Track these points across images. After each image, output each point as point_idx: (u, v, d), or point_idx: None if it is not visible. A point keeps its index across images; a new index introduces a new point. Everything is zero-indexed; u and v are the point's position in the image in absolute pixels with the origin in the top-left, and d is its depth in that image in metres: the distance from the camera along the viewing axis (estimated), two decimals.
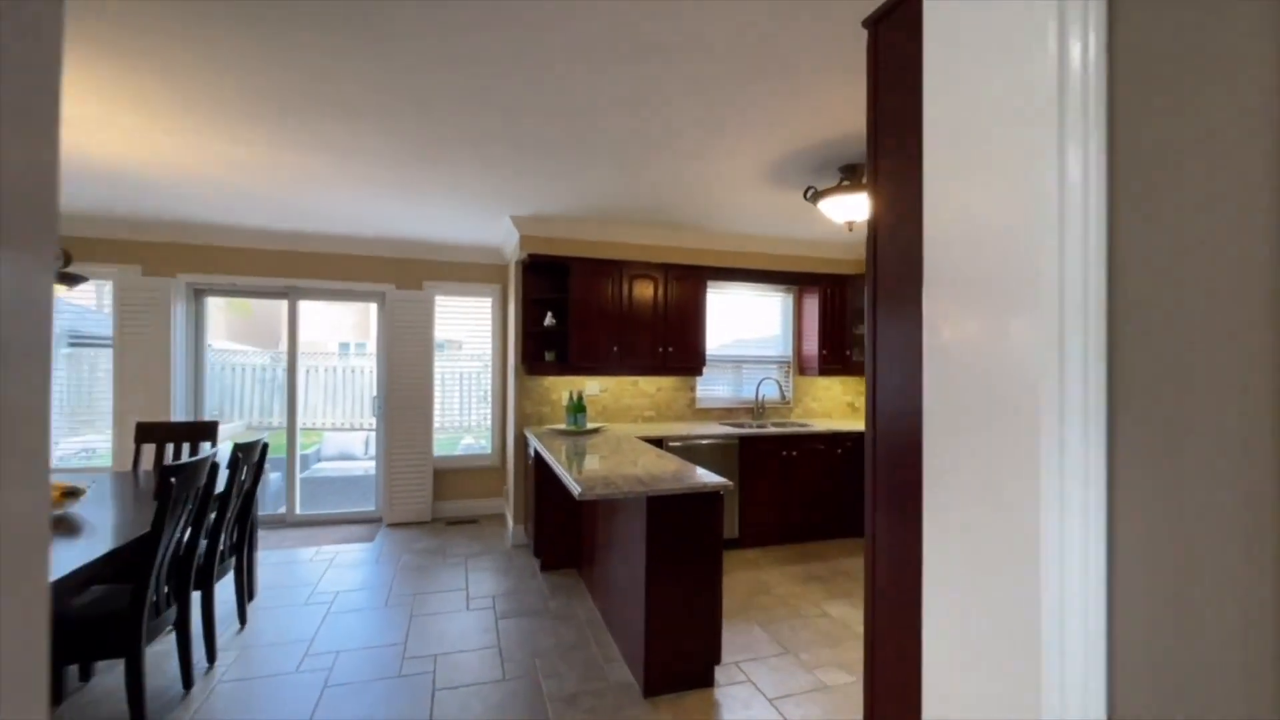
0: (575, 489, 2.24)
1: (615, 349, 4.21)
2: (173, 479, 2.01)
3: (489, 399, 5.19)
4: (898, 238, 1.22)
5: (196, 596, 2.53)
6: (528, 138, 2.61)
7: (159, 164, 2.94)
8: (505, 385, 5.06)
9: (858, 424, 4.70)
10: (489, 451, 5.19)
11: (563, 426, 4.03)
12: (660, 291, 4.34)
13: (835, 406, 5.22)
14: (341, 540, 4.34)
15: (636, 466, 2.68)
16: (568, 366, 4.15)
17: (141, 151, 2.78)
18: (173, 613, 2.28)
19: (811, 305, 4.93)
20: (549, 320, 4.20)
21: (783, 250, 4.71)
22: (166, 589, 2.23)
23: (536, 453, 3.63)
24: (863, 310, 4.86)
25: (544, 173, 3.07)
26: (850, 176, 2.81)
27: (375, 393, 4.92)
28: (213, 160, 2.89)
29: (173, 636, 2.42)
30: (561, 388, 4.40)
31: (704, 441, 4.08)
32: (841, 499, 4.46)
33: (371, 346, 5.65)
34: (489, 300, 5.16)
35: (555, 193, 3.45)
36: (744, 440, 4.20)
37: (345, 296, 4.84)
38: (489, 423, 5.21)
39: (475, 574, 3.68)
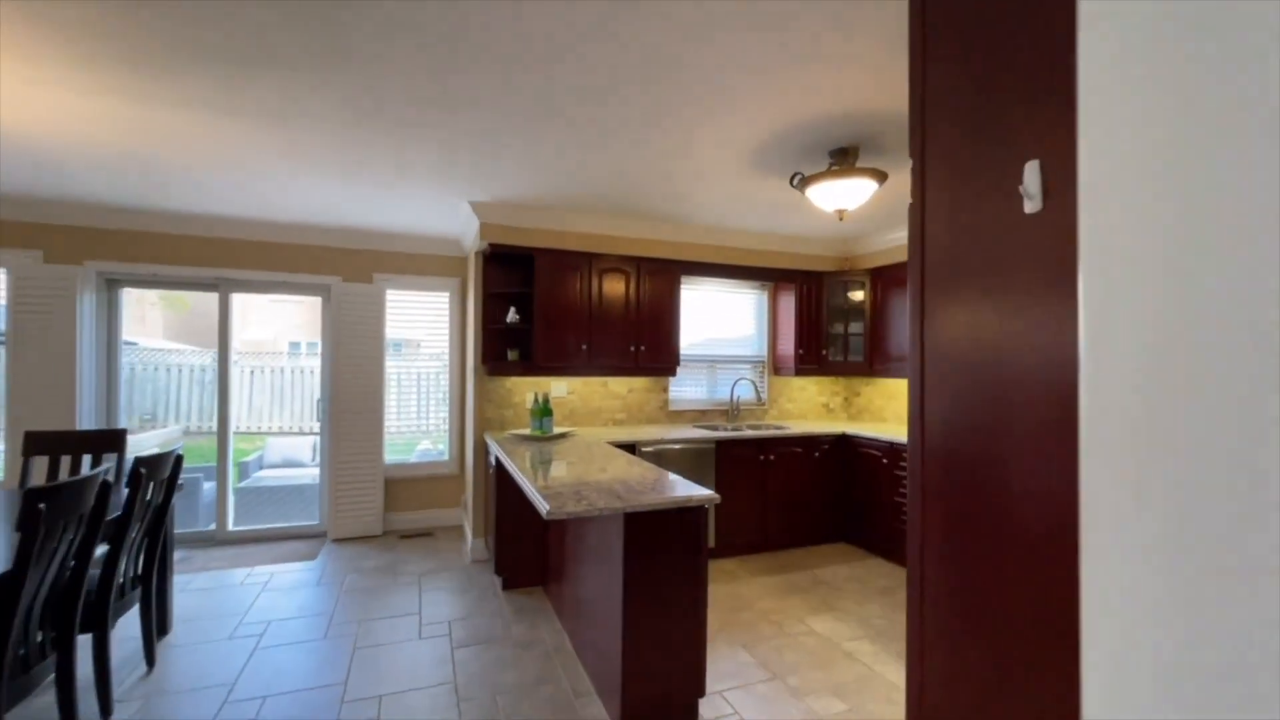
0: (542, 506, 1.95)
1: (584, 348, 3.92)
2: (42, 504, 1.63)
3: (447, 401, 4.83)
4: (957, 222, 1.00)
5: (87, 640, 2.12)
6: (486, 115, 2.30)
7: (58, 130, 2.51)
8: (464, 387, 4.70)
9: (834, 426, 4.55)
10: (446, 458, 4.82)
11: (527, 431, 3.72)
12: (632, 286, 4.08)
13: (811, 408, 5.06)
14: (279, 559, 3.92)
15: (608, 474, 2.41)
16: (532, 366, 3.84)
17: (34, 115, 2.35)
18: (52, 663, 1.89)
19: (787, 303, 4.75)
20: (512, 317, 3.89)
21: (759, 245, 4.51)
22: (42, 636, 1.83)
23: (498, 460, 3.31)
24: (840, 308, 4.72)
25: (505, 154, 2.77)
26: (841, 161, 2.61)
27: (320, 395, 4.49)
28: (124, 126, 2.47)
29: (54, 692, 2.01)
30: (525, 389, 4.09)
31: (678, 446, 3.84)
32: (819, 504, 4.29)
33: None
34: (446, 295, 4.79)
35: (518, 177, 3.14)
36: (720, 444, 3.97)
37: (285, 289, 4.40)
38: (447, 427, 4.84)
39: (430, 595, 3.34)
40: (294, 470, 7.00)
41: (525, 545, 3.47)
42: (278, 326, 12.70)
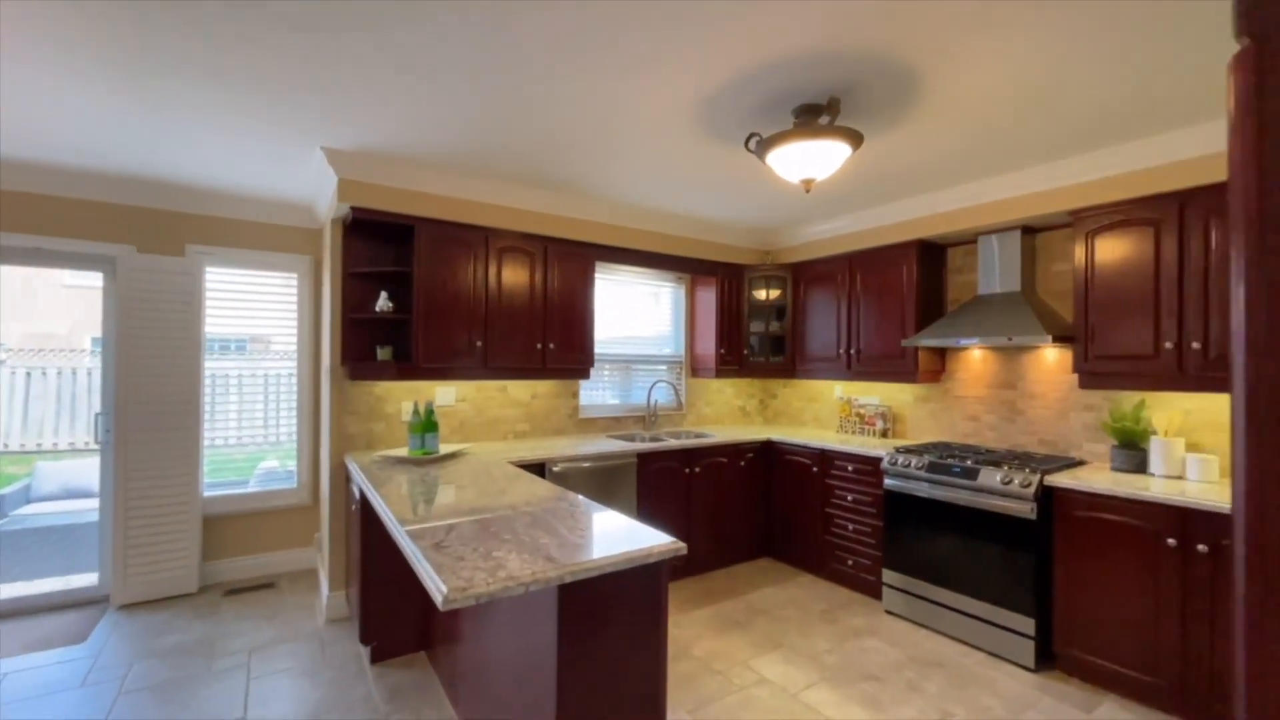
0: (437, 590, 1.27)
1: (479, 345, 3.18)
2: None
3: (296, 413, 3.80)
4: None
5: None
6: (337, 20, 1.56)
7: None
8: (319, 394, 3.73)
9: (757, 432, 4.21)
10: (295, 485, 3.80)
11: (404, 452, 2.91)
12: (538, 271, 3.41)
13: (728, 412, 4.71)
14: (31, 644, 2.74)
15: (521, 512, 1.76)
16: (411, 368, 3.03)
17: None
18: None
19: (707, 298, 4.34)
20: (383, 304, 3.04)
21: (680, 230, 4.04)
22: None
23: (362, 494, 2.50)
24: (762, 305, 4.40)
25: (371, 83, 2.00)
26: (808, 118, 2.18)
27: (100, 407, 3.28)
28: None
29: None
30: (402, 397, 3.26)
31: (594, 463, 3.24)
32: (744, 518, 3.92)
33: None
34: (294, 277, 3.77)
35: (389, 118, 2.36)
36: (642, 458, 3.44)
37: (42, 259, 3.14)
38: (296, 443, 3.82)
39: (265, 684, 2.43)
40: (80, 504, 5.40)
41: (402, 597, 2.67)
42: (76, 316, 10.15)
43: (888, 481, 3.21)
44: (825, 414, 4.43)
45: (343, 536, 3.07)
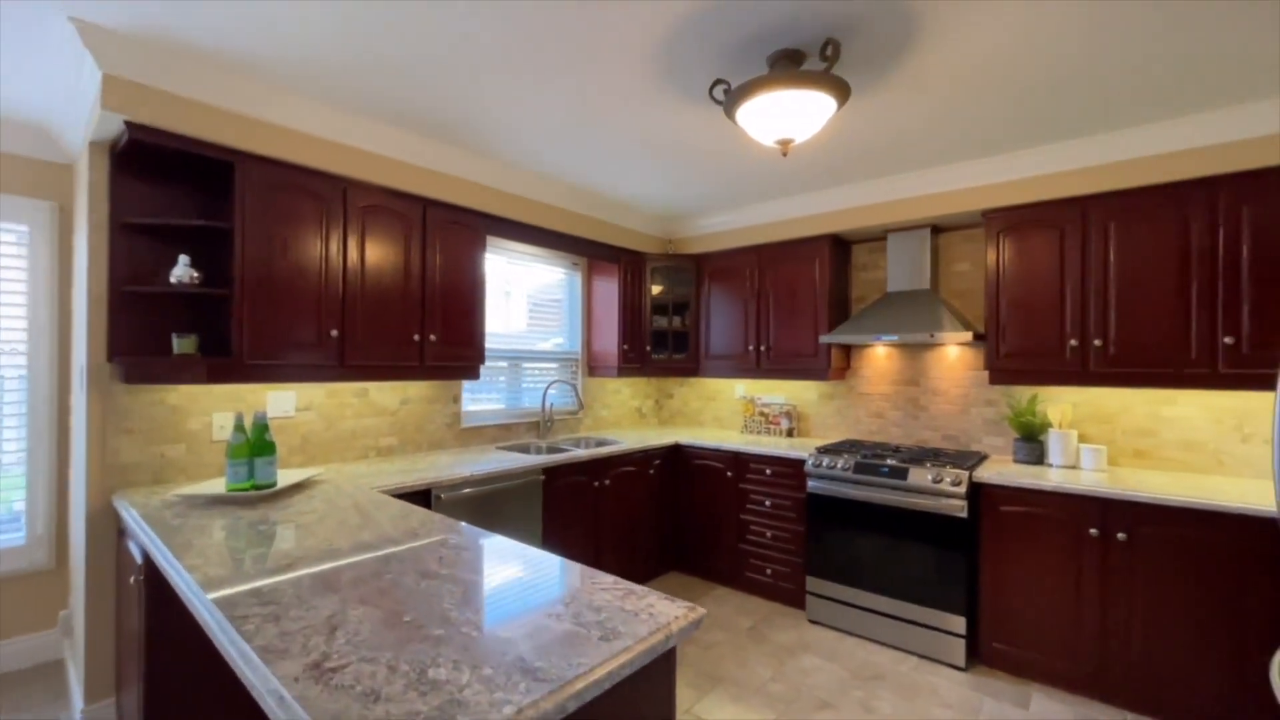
0: None
1: (333, 335, 2.38)
2: None
3: (26, 432, 2.56)
4: None
5: None
6: None
7: None
8: (68, 404, 2.57)
9: (660, 435, 3.87)
10: (24, 538, 2.56)
11: (220, 487, 2.03)
12: (416, 241, 2.67)
13: (625, 414, 4.30)
14: None
15: (431, 585, 1.17)
16: (229, 366, 2.14)
17: None
18: None
19: (607, 289, 3.89)
20: (183, 273, 2.10)
21: (580, 207, 3.53)
22: None
23: (146, 557, 1.63)
24: (665, 298, 4.05)
25: None
26: (788, 66, 1.84)
27: None
28: None
29: None
30: (214, 406, 2.32)
31: (493, 486, 2.61)
32: (653, 531, 3.54)
33: None
34: (23, 232, 2.54)
35: None
36: (549, 473, 2.88)
37: None
38: (26, 479, 2.57)
39: None
40: None
41: (211, 704, 1.82)
42: None
43: (811, 484, 3.05)
44: (726, 414, 4.24)
45: (109, 617, 2.07)
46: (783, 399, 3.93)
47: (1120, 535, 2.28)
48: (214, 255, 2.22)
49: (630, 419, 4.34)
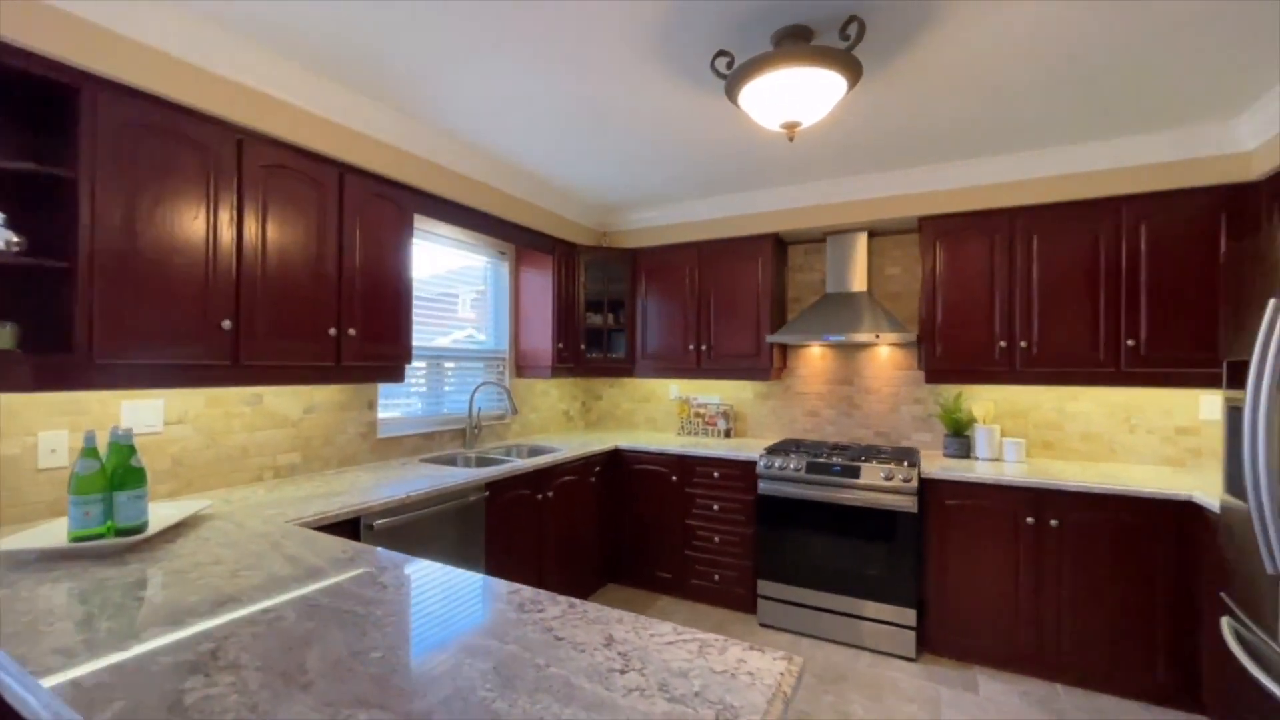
0: None
1: (227, 328, 1.85)
2: None
3: None
4: None
5: None
6: None
7: None
8: None
9: (597, 439, 3.63)
10: None
11: (55, 537, 1.48)
12: (333, 214, 2.19)
13: (553, 418, 4.00)
14: None
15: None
16: (65, 366, 1.56)
17: None
18: None
19: (538, 282, 3.57)
20: None
21: (514, 188, 3.19)
22: None
23: None
24: (600, 294, 3.80)
25: None
26: (796, 43, 1.71)
27: None
28: None
29: None
30: (42, 422, 1.71)
31: (432, 509, 2.22)
32: (594, 542, 3.30)
33: None
34: None
35: None
36: (493, 487, 2.53)
37: None
38: None
39: None
40: None
41: None
42: None
43: (762, 485, 3.00)
44: (659, 415, 4.10)
45: None
46: (719, 399, 3.87)
47: (1053, 522, 2.47)
48: (47, 215, 1.61)
49: (558, 423, 4.04)
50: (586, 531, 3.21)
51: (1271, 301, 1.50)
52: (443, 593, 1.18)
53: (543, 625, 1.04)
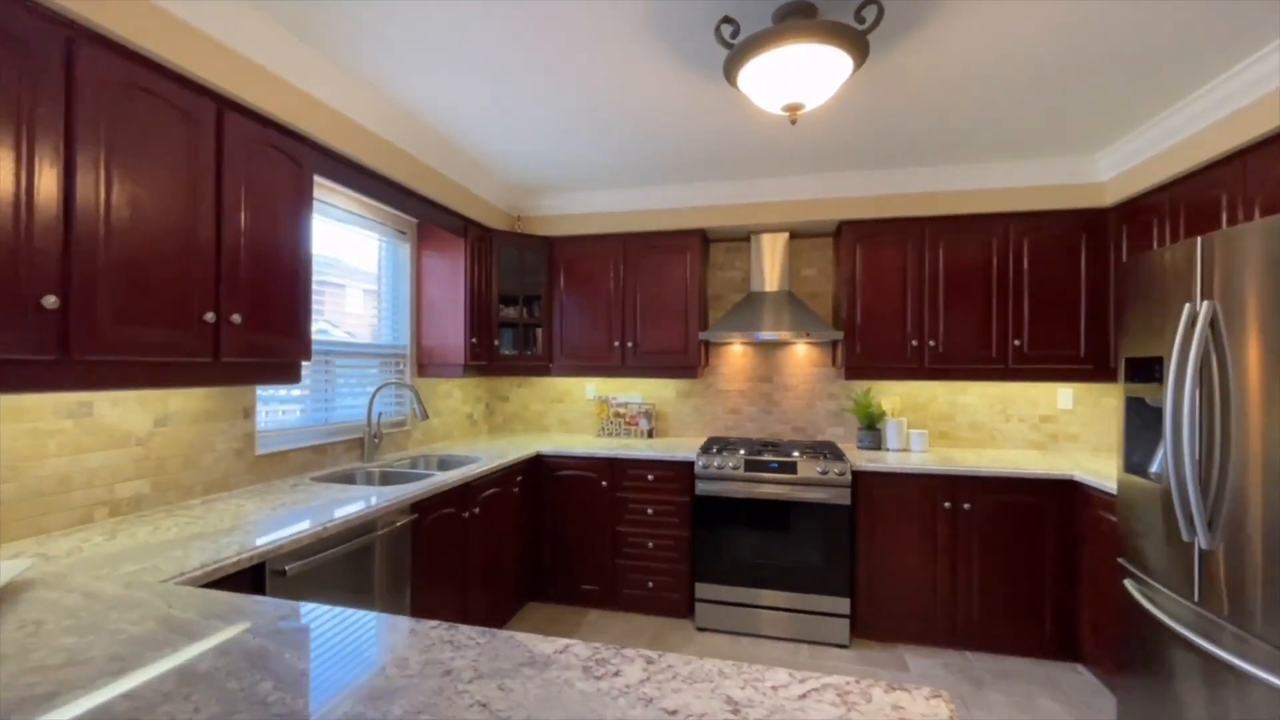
0: None
1: (49, 303, 1.28)
2: None
3: None
4: None
5: None
6: None
7: None
8: None
9: (505, 445, 3.30)
10: None
11: None
12: (209, 163, 1.66)
13: (456, 422, 3.56)
14: None
15: None
16: None
17: None
18: None
19: (448, 267, 3.14)
20: None
21: (430, 156, 2.75)
22: None
23: None
24: (515, 285, 3.45)
25: None
26: (794, 20, 1.61)
27: None
28: None
29: None
30: None
31: (351, 544, 1.79)
32: (518, 558, 2.98)
33: None
34: None
35: None
36: (420, 509, 2.12)
37: None
38: None
39: None
40: None
41: None
42: None
43: (700, 485, 2.93)
44: (575, 417, 3.85)
45: None
46: (640, 398, 3.74)
47: (965, 505, 2.71)
48: None
49: (462, 428, 3.61)
50: (508, 548, 2.88)
51: (1186, 305, 1.74)
52: (481, 670, 0.88)
53: (638, 698, 0.81)
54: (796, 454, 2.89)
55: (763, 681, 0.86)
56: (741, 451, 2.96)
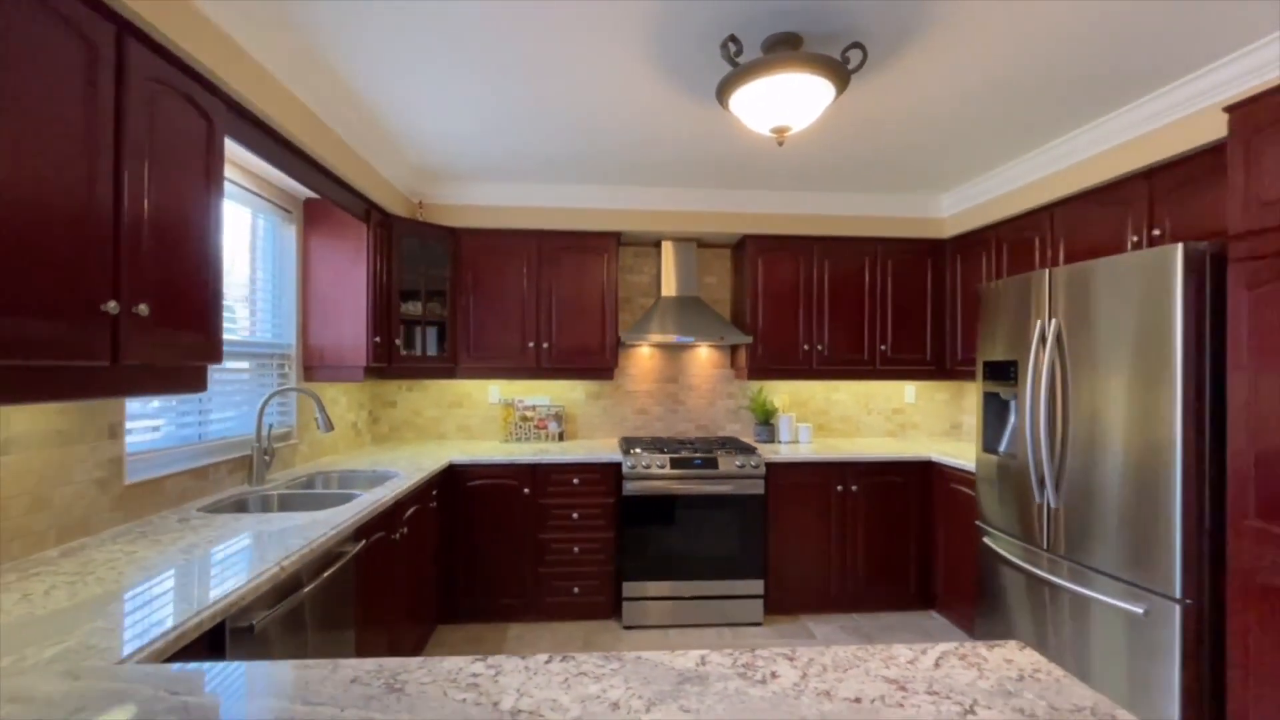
0: None
1: None
2: None
3: None
4: None
5: None
6: None
7: None
8: None
9: (408, 455, 3.00)
10: None
11: None
12: (106, 102, 1.26)
13: (342, 432, 3.11)
14: None
15: None
16: None
17: None
18: None
19: (341, 254, 2.73)
20: None
21: (338, 123, 2.37)
22: None
23: None
24: (417, 285, 3.15)
25: None
26: (783, 50, 1.74)
27: None
28: None
29: None
30: None
31: (317, 583, 1.50)
32: (432, 578, 2.72)
33: None
34: None
35: None
36: (362, 533, 1.83)
37: None
38: None
39: None
40: None
41: None
42: None
43: (629, 485, 2.97)
44: (476, 422, 3.61)
45: None
46: (548, 401, 3.64)
47: (853, 488, 3.15)
48: None
49: (347, 438, 3.16)
50: (428, 569, 2.62)
51: (1038, 321, 2.26)
52: None
53: (815, 693, 0.85)
54: (717, 450, 3.08)
55: (895, 659, 0.95)
56: (666, 450, 3.06)
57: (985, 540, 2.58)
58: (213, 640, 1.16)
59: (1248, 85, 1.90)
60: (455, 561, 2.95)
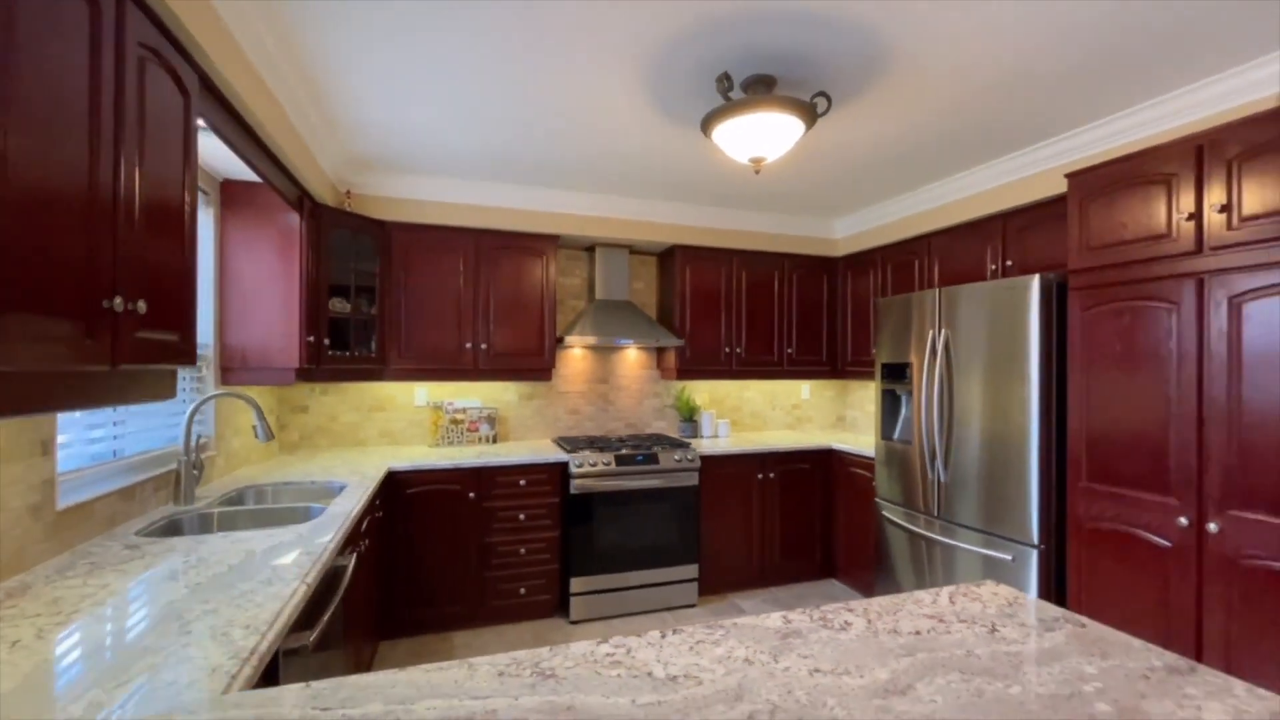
0: None
1: None
2: None
3: None
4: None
5: None
6: None
7: None
8: None
9: (340, 464, 2.81)
10: None
11: None
12: (108, 62, 1.10)
13: (253, 443, 2.79)
14: None
15: None
16: None
17: None
18: None
19: (266, 243, 2.48)
20: None
21: (270, 70, 2.15)
22: None
23: None
24: (346, 281, 2.95)
25: None
26: (758, 91, 1.96)
27: None
28: None
29: None
30: None
31: (316, 631, 1.41)
32: (375, 594, 2.58)
33: None
34: None
35: None
36: (350, 544, 1.73)
37: None
38: None
39: None
40: None
41: None
42: None
43: (575, 484, 3.04)
44: (400, 426, 3.42)
45: None
46: (479, 403, 3.56)
47: (771, 475, 3.53)
48: None
49: (259, 449, 2.83)
50: (379, 582, 2.48)
51: (930, 331, 2.76)
52: None
53: (889, 631, 1.07)
54: (655, 446, 3.27)
55: (921, 602, 1.21)
56: (608, 449, 3.18)
57: (885, 513, 3.06)
58: (267, 672, 1.08)
59: (1085, 154, 2.52)
60: (395, 574, 2.80)
